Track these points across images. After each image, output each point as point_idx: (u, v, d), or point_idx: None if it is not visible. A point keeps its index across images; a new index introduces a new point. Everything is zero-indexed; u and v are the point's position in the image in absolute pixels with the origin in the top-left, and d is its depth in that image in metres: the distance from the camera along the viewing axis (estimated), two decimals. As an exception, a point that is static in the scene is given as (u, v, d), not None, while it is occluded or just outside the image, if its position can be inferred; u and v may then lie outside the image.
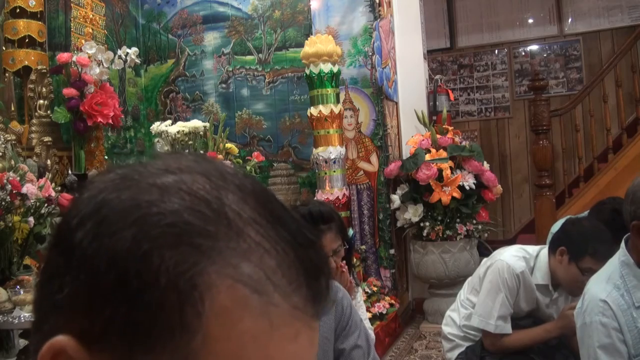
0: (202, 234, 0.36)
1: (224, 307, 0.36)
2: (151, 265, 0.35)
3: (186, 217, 0.37)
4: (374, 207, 4.48)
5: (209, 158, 0.43)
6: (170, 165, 0.40)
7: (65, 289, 0.37)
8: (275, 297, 0.37)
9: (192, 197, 0.38)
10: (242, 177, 0.41)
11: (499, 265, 2.41)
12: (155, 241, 0.36)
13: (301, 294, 0.39)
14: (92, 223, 0.37)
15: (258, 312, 0.36)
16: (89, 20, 4.05)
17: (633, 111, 5.49)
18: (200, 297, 0.35)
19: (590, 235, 2.19)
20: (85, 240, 0.37)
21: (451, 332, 2.63)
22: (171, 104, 5.12)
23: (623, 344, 1.65)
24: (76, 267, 0.37)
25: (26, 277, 2.29)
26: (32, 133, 3.53)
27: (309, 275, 0.39)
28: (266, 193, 0.41)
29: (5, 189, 2.24)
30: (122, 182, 0.39)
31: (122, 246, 0.36)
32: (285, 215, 0.41)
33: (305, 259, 0.40)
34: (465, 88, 6.83)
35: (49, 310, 0.38)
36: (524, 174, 6.56)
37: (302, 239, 0.40)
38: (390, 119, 4.57)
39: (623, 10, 6.21)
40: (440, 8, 6.80)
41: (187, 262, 0.35)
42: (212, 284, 0.36)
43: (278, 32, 4.83)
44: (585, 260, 2.18)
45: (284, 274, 0.38)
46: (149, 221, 0.36)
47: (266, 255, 0.38)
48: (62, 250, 0.39)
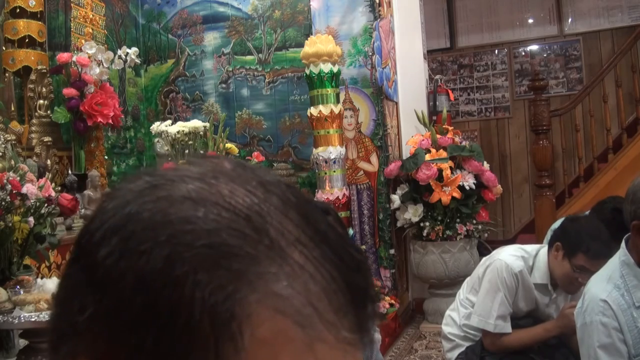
0: (241, 256, 0.32)
1: (265, 341, 0.31)
2: (184, 292, 0.31)
3: (224, 237, 0.33)
4: (374, 207, 4.48)
5: (247, 164, 0.39)
6: (205, 174, 0.36)
7: (86, 311, 0.33)
8: (321, 329, 0.33)
9: (231, 214, 0.34)
10: (284, 188, 0.37)
11: (498, 264, 2.42)
12: (190, 264, 0.32)
13: (348, 324, 0.34)
14: (117, 239, 0.33)
15: (302, 347, 0.32)
16: (89, 20, 4.05)
17: (633, 111, 5.49)
18: (239, 330, 0.31)
19: (585, 233, 2.20)
20: (110, 258, 0.33)
21: (451, 331, 2.63)
22: (171, 104, 5.12)
23: (623, 344, 1.65)
24: (99, 288, 0.33)
25: (26, 277, 2.29)
26: (32, 133, 3.53)
27: (356, 302, 0.35)
28: (309, 206, 0.37)
29: (5, 189, 2.24)
30: (152, 192, 0.35)
31: (152, 268, 0.32)
32: (330, 232, 0.37)
33: (352, 283, 0.35)
34: (465, 88, 6.83)
35: (67, 331, 0.35)
36: (524, 174, 6.56)
37: (348, 259, 0.36)
38: (390, 119, 4.57)
39: (623, 10, 6.21)
40: (440, 8, 6.80)
41: (225, 289, 0.31)
42: (251, 315, 0.32)
43: (278, 32, 4.83)
44: (578, 258, 2.20)
45: (330, 302, 0.34)
46: (183, 241, 0.32)
47: (311, 281, 0.34)
48: (83, 266, 0.35)
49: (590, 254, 2.15)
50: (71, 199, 2.66)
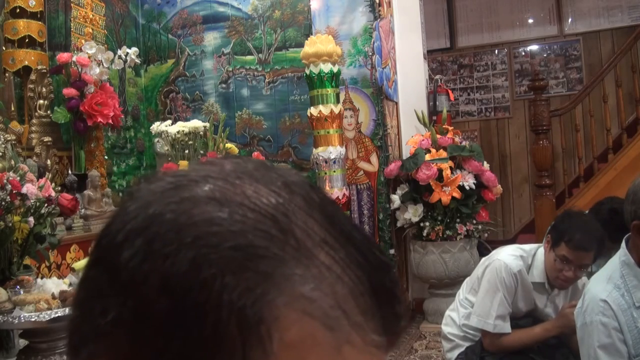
0: (268, 258, 0.32)
1: (293, 345, 0.31)
2: (212, 294, 0.30)
3: (251, 238, 0.32)
4: (374, 207, 4.48)
5: (270, 164, 0.38)
6: (228, 174, 0.35)
7: (109, 314, 0.32)
8: (349, 332, 0.33)
9: (257, 214, 0.33)
10: (308, 188, 0.36)
11: (497, 264, 2.42)
12: (217, 266, 0.31)
13: (375, 326, 0.34)
14: (141, 240, 0.33)
15: (330, 350, 0.32)
16: (89, 20, 4.05)
17: (633, 111, 5.49)
18: (267, 333, 0.30)
19: (570, 224, 2.22)
20: (134, 260, 0.32)
21: (451, 332, 2.64)
22: (171, 104, 5.12)
23: (623, 344, 1.65)
24: (123, 290, 0.32)
25: (26, 277, 2.29)
26: (32, 133, 3.53)
27: (384, 304, 0.35)
28: (333, 206, 0.37)
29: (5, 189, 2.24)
30: (175, 193, 0.34)
31: (177, 270, 0.31)
32: (355, 233, 0.36)
33: (379, 284, 0.35)
34: (465, 88, 6.83)
35: (89, 334, 0.34)
36: (524, 174, 6.56)
37: (374, 260, 0.36)
38: (390, 119, 4.57)
39: (623, 10, 6.21)
40: (440, 8, 6.80)
41: (253, 291, 0.31)
42: (280, 318, 0.31)
43: (278, 32, 4.83)
44: (560, 248, 2.22)
45: (358, 304, 0.33)
46: (209, 243, 0.32)
47: (338, 282, 0.33)
48: (105, 268, 0.34)
49: (572, 245, 2.17)
50: (71, 199, 2.66)
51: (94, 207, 3.43)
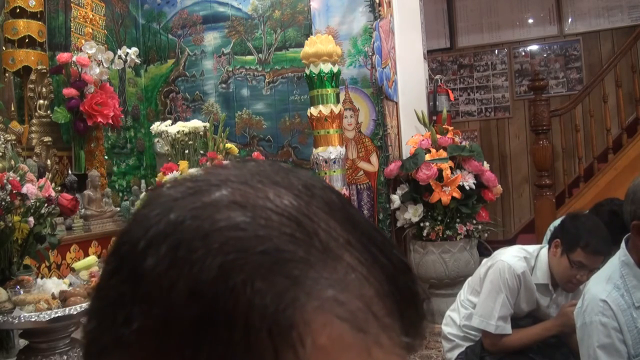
0: (296, 261, 0.31)
1: (324, 348, 0.30)
2: (241, 300, 0.30)
3: (277, 242, 0.32)
4: (374, 207, 4.48)
5: (289, 166, 0.38)
6: (249, 178, 0.35)
7: (134, 324, 0.31)
8: (378, 333, 0.32)
9: (280, 217, 0.33)
10: (328, 191, 0.36)
11: (500, 265, 2.41)
12: (246, 272, 0.31)
13: (402, 327, 0.34)
14: (166, 248, 0.32)
15: (360, 352, 0.31)
16: (89, 20, 4.05)
17: (633, 111, 5.49)
18: (299, 338, 0.30)
19: (584, 229, 2.21)
20: (159, 268, 0.31)
21: (451, 332, 2.64)
22: (171, 104, 5.12)
23: (623, 344, 1.65)
24: (147, 298, 0.31)
25: (26, 277, 2.29)
26: (32, 133, 3.53)
27: (408, 304, 0.35)
28: (353, 209, 0.37)
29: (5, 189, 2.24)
30: (197, 198, 0.34)
31: (206, 277, 0.30)
32: (376, 235, 0.36)
33: (403, 285, 0.35)
34: (465, 88, 6.83)
35: (110, 345, 0.33)
36: (524, 174, 6.56)
37: (397, 261, 0.36)
38: (390, 119, 4.57)
39: (623, 10, 6.21)
40: (440, 8, 6.80)
41: (284, 296, 0.30)
42: (311, 322, 0.30)
43: (278, 32, 4.83)
44: (576, 253, 2.20)
45: (384, 305, 0.33)
46: (236, 248, 0.31)
47: (364, 284, 0.33)
48: (126, 277, 0.33)
49: (589, 250, 2.16)
50: (71, 199, 2.66)
51: (94, 207, 3.43)
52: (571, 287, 2.32)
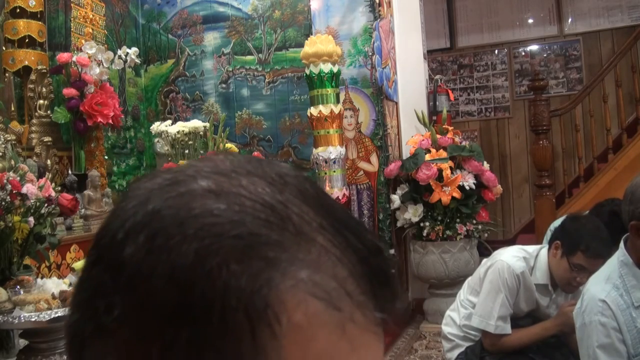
0: (270, 244, 0.33)
1: (299, 325, 0.32)
2: (218, 283, 0.31)
3: (251, 226, 0.33)
4: (374, 207, 4.48)
5: (262, 159, 0.39)
6: (223, 168, 0.36)
7: (114, 311, 0.33)
8: (352, 310, 0.34)
9: (254, 203, 0.34)
10: (301, 179, 0.38)
11: (499, 265, 2.42)
12: (221, 256, 0.32)
13: (375, 306, 0.35)
14: (144, 236, 0.33)
15: (335, 329, 0.33)
16: (89, 20, 4.05)
17: (633, 111, 5.49)
18: (275, 317, 0.31)
19: (584, 232, 2.21)
20: (137, 255, 0.33)
21: (451, 332, 2.64)
22: (171, 104, 5.13)
23: (622, 344, 1.65)
24: (127, 286, 0.33)
25: (26, 277, 2.29)
26: (32, 133, 3.53)
27: (381, 284, 0.36)
28: (327, 196, 0.38)
29: (5, 189, 2.24)
30: (172, 189, 0.35)
31: (183, 262, 0.32)
32: (349, 221, 0.37)
33: (376, 266, 0.36)
34: (465, 88, 6.83)
35: (93, 335, 0.34)
36: (524, 174, 6.56)
37: (369, 244, 0.37)
38: (390, 119, 4.57)
39: (623, 10, 6.21)
40: (440, 8, 6.80)
41: (259, 277, 0.32)
42: (286, 300, 0.32)
43: (278, 32, 4.83)
44: (576, 256, 2.20)
45: (358, 284, 0.34)
46: (211, 233, 0.32)
47: (338, 264, 0.34)
48: (106, 266, 0.34)
49: (589, 253, 2.16)
50: (71, 199, 2.66)
51: (94, 207, 3.43)
52: (571, 288, 2.32)
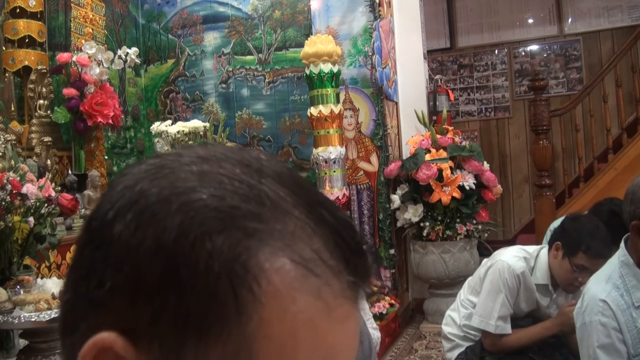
0: (249, 216, 0.36)
1: (278, 288, 0.35)
2: (202, 252, 0.34)
3: (230, 200, 0.36)
4: (374, 207, 4.48)
5: (242, 147, 0.44)
6: (204, 154, 0.40)
7: (106, 284, 0.35)
8: (328, 276, 0.37)
9: (233, 181, 0.37)
10: (277, 164, 0.41)
11: (500, 265, 2.42)
12: (204, 227, 0.35)
13: (347, 273, 0.38)
14: (132, 214, 0.36)
15: (312, 293, 0.36)
16: (89, 20, 4.05)
17: (633, 111, 5.49)
18: (255, 281, 0.34)
19: (585, 232, 2.21)
20: (127, 231, 0.36)
21: (451, 331, 2.64)
22: (171, 104, 5.12)
23: (622, 344, 1.65)
24: (118, 260, 0.35)
25: (26, 277, 2.29)
26: (32, 133, 3.53)
27: (355, 256, 0.39)
28: (302, 179, 0.41)
29: (5, 189, 2.24)
30: (158, 172, 0.38)
31: (169, 235, 0.35)
32: (323, 200, 0.40)
33: (350, 239, 0.39)
34: (465, 88, 6.83)
35: (86, 309, 0.36)
36: (524, 174, 6.56)
37: (342, 221, 0.40)
38: (390, 119, 4.57)
39: (623, 10, 6.21)
40: (440, 8, 6.80)
41: (239, 245, 0.35)
42: (265, 267, 0.35)
43: (278, 32, 4.83)
44: (578, 257, 2.20)
45: (331, 254, 0.37)
46: (194, 207, 0.35)
47: (313, 236, 0.37)
48: (98, 245, 0.37)
49: (590, 253, 2.16)
50: (71, 199, 2.66)
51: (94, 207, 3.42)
52: (572, 289, 2.32)
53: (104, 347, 0.34)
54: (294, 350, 0.35)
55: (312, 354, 0.36)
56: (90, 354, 0.35)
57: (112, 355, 0.34)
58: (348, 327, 0.38)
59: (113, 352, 0.34)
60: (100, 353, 0.35)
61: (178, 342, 0.34)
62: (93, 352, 0.35)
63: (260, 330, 0.34)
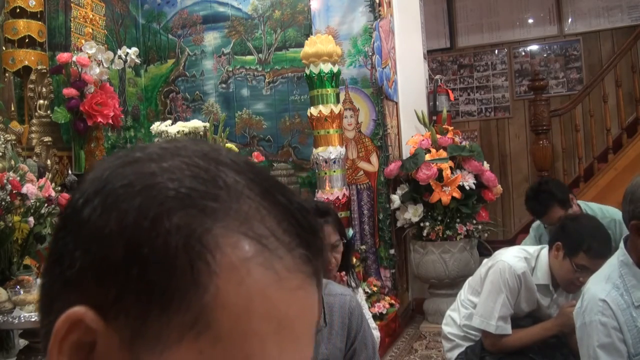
0: (205, 197, 0.39)
1: (232, 261, 0.38)
2: (160, 230, 0.37)
3: (188, 183, 0.39)
4: (374, 207, 4.48)
5: (203, 140, 0.46)
6: (167, 146, 0.43)
7: (76, 264, 0.38)
8: (280, 250, 0.39)
9: (191, 167, 0.40)
10: (235, 155, 0.43)
11: (501, 266, 2.41)
12: (162, 207, 0.38)
13: (301, 250, 0.41)
14: (98, 199, 0.39)
15: (264, 264, 0.38)
16: (89, 20, 4.05)
17: (633, 111, 5.49)
18: (210, 254, 0.37)
19: (586, 233, 2.21)
20: (94, 214, 0.39)
21: (451, 331, 2.64)
22: (171, 104, 5.12)
23: (622, 344, 1.65)
24: (87, 241, 0.38)
25: (26, 277, 2.29)
26: (32, 133, 3.53)
27: (307, 234, 0.41)
28: (259, 168, 0.44)
29: (5, 189, 2.24)
30: (123, 162, 0.41)
31: (130, 214, 0.38)
32: (278, 186, 0.43)
33: (302, 219, 0.42)
34: (465, 88, 6.83)
35: (60, 289, 0.39)
36: (524, 174, 6.56)
37: (296, 203, 0.42)
38: (390, 119, 4.57)
39: (623, 10, 6.21)
40: (440, 8, 6.80)
41: (195, 222, 0.37)
42: (219, 241, 0.38)
43: (278, 32, 4.83)
44: (579, 257, 2.20)
45: (285, 232, 0.40)
46: (154, 189, 0.38)
47: (267, 215, 0.40)
48: (69, 230, 0.40)
49: (592, 253, 2.16)
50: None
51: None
52: (573, 288, 2.32)
53: (76, 320, 0.37)
54: (249, 318, 0.38)
55: (266, 322, 0.38)
56: (63, 327, 0.37)
57: (83, 327, 0.37)
58: (302, 297, 0.40)
59: (84, 324, 0.37)
60: (72, 326, 0.37)
61: (143, 314, 0.37)
62: (66, 326, 0.37)
63: (216, 300, 0.37)
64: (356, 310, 1.77)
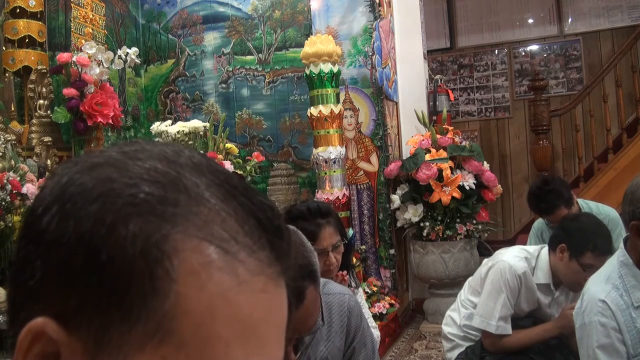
0: (163, 202, 0.38)
1: (192, 267, 0.37)
2: (117, 236, 0.36)
3: (145, 188, 0.38)
4: (374, 207, 4.48)
5: (165, 142, 0.45)
6: (127, 150, 0.42)
7: (37, 274, 0.38)
8: (241, 254, 0.39)
9: (150, 171, 0.39)
10: (198, 156, 0.43)
11: (501, 266, 2.41)
12: (119, 213, 0.37)
13: (265, 252, 0.40)
14: (57, 206, 0.39)
15: (225, 268, 0.38)
16: (89, 20, 4.05)
17: (633, 111, 5.49)
18: (169, 260, 0.37)
19: (589, 231, 2.20)
20: (52, 223, 0.38)
21: (451, 332, 2.63)
22: (171, 104, 5.12)
23: (622, 344, 1.65)
24: (46, 250, 0.38)
25: (26, 277, 2.29)
26: (32, 133, 3.53)
27: (271, 236, 0.41)
28: (223, 170, 0.43)
29: (5, 189, 2.24)
30: (81, 167, 0.41)
31: (87, 222, 0.37)
32: (242, 187, 0.42)
33: (266, 221, 0.41)
34: (465, 88, 6.83)
35: (23, 299, 0.39)
36: (524, 174, 6.56)
37: (259, 203, 0.42)
38: (390, 119, 4.57)
39: (623, 10, 6.21)
40: (440, 8, 6.80)
41: (152, 228, 0.37)
42: (178, 247, 0.37)
43: (278, 32, 4.83)
44: (586, 257, 2.19)
45: (247, 234, 0.40)
46: (111, 195, 0.38)
47: (228, 218, 0.39)
48: (30, 239, 0.40)
49: (598, 252, 2.16)
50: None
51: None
52: (580, 288, 2.32)
53: (37, 332, 0.37)
54: (212, 323, 0.37)
55: (230, 326, 0.38)
56: (26, 339, 0.37)
57: (45, 339, 0.37)
58: (266, 299, 0.40)
59: (46, 336, 0.37)
60: (35, 338, 0.37)
61: (104, 323, 0.36)
62: (29, 338, 0.37)
63: (177, 306, 0.36)
64: (355, 309, 1.77)
